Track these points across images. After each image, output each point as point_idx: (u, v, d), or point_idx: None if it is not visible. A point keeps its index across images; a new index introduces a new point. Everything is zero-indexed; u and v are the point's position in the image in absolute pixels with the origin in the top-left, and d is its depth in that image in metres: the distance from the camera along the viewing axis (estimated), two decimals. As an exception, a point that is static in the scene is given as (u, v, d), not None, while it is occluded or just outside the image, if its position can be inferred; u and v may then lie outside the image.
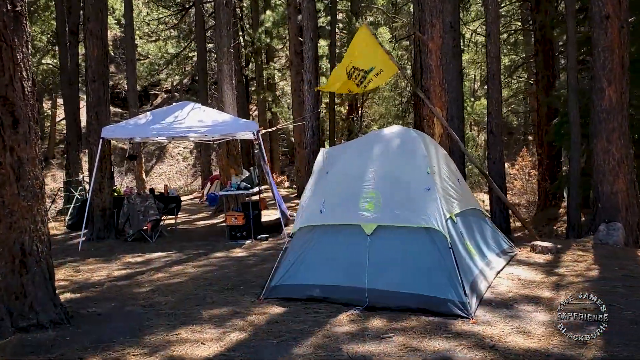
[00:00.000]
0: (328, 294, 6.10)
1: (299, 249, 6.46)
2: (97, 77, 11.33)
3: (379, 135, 7.05)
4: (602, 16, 9.43)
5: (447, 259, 5.78)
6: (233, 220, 10.98)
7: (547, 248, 8.11)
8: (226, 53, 13.99)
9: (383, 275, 5.98)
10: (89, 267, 9.03)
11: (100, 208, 11.46)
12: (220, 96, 14.28)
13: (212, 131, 11.20)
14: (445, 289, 5.65)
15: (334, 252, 6.29)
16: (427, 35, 9.65)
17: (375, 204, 6.22)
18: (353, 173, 6.61)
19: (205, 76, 26.18)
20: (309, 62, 13.85)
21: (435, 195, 6.17)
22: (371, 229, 6.11)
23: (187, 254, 9.84)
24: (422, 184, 6.25)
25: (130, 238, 11.32)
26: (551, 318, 5.39)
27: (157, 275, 8.24)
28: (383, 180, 6.37)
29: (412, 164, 6.48)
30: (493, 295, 6.23)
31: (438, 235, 5.92)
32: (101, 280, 8.03)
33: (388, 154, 6.64)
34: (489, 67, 11.90)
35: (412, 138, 6.88)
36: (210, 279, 7.74)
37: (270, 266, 8.31)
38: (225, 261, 9.04)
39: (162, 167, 35.73)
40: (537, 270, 7.28)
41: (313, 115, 13.90)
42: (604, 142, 9.68)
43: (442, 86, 9.71)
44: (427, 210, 6.06)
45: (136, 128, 11.21)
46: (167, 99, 40.82)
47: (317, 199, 6.61)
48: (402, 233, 6.08)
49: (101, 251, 10.47)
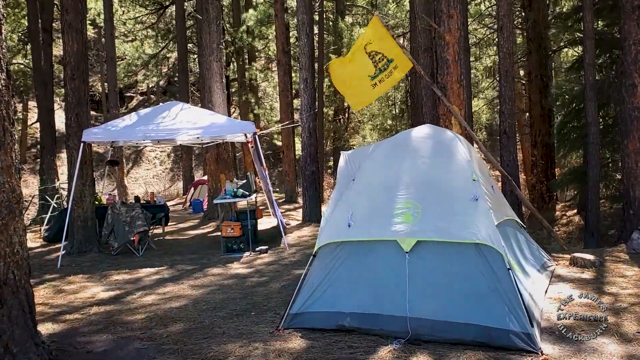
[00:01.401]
0: (361, 324, 5.19)
1: (324, 269, 5.52)
2: (77, 75, 10.25)
3: (409, 137, 6.12)
4: (634, 6, 8.69)
5: (505, 281, 4.91)
6: (229, 231, 10.00)
7: (589, 261, 7.31)
8: (216, 49, 13.03)
9: (427, 301, 5.09)
10: (71, 287, 7.99)
11: (81, 218, 10.36)
12: (209, 96, 13.29)
13: (206, 133, 10.22)
14: (506, 318, 4.77)
15: (366, 273, 5.38)
16: (443, 27, 8.81)
17: (413, 215, 5.33)
18: (384, 180, 5.70)
19: (187, 77, 25.12)
20: (305, 59, 12.93)
21: (485, 205, 5.31)
22: (410, 245, 5.22)
23: (180, 270, 8.84)
24: (467, 192, 5.38)
25: (115, 252, 10.26)
26: (627, 350, 4.56)
27: (150, 297, 7.23)
28: (421, 189, 5.48)
29: (453, 169, 5.61)
30: (550, 322, 5.38)
31: (492, 254, 5.05)
32: (86, 303, 7.01)
33: (424, 157, 5.74)
34: (501, 63, 11.16)
35: (450, 139, 6.01)
36: (213, 302, 6.77)
37: (278, 285, 7.45)
38: (226, 279, 8.06)
39: (138, 171, 34.53)
40: (586, 289, 6.45)
41: (310, 116, 12.97)
42: (636, 143, 8.93)
43: (459, 82, 8.88)
44: (477, 224, 5.19)
45: (121, 130, 10.17)
46: (142, 101, 39.68)
47: (343, 211, 5.67)
48: (448, 250, 5.19)
49: (83, 267, 9.41)
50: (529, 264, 6.44)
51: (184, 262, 9.46)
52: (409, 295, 5.10)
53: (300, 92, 13.28)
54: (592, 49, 10.78)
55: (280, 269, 8.52)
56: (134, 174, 33.90)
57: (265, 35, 29.79)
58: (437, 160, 5.70)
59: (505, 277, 4.92)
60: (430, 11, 13.76)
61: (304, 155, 13.29)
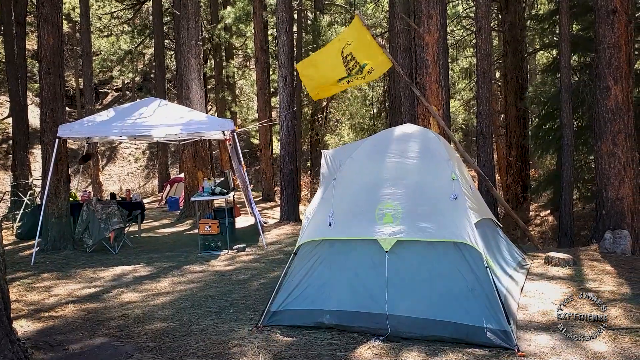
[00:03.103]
0: (341, 321, 5.21)
1: (305, 267, 5.52)
2: (52, 69, 10.09)
3: (391, 136, 6.15)
4: (609, 11, 8.84)
5: (483, 280, 4.97)
6: (206, 229, 9.94)
7: (563, 260, 7.42)
8: (194, 46, 12.94)
9: (406, 298, 5.13)
10: (45, 284, 7.87)
11: (55, 215, 10.20)
12: (187, 93, 13.19)
13: (185, 129, 10.15)
14: (483, 316, 4.83)
15: (346, 271, 5.39)
16: (423, 27, 8.86)
17: (394, 215, 5.36)
18: (366, 179, 5.73)
19: (163, 73, 24.91)
20: (284, 57, 12.90)
21: (465, 204, 5.36)
22: (390, 245, 5.25)
23: (158, 268, 8.77)
24: (447, 191, 5.43)
25: (90, 249, 10.13)
26: (607, 346, 4.65)
27: (127, 294, 7.16)
28: (402, 188, 5.51)
29: (434, 168, 5.65)
30: (527, 317, 5.47)
31: (471, 252, 5.10)
32: (62, 301, 6.91)
33: (405, 157, 5.77)
34: (479, 64, 11.28)
35: (430, 139, 6.05)
36: (192, 300, 6.73)
37: (257, 284, 7.43)
38: (204, 277, 8.01)
39: (113, 168, 34.14)
40: (562, 286, 6.56)
41: (289, 114, 12.94)
42: (609, 145, 9.09)
43: (438, 83, 8.94)
44: (457, 223, 5.24)
45: (97, 126, 10.04)
46: (117, 97, 39.24)
47: (324, 210, 5.68)
48: (427, 249, 5.24)
49: (58, 264, 9.27)
50: (505, 263, 6.52)
51: (161, 260, 9.38)
52: (388, 293, 5.14)
53: (279, 90, 13.26)
54: (568, 52, 10.95)
55: (258, 268, 8.50)
56: (108, 171, 33.51)
57: (243, 32, 29.67)
58: (417, 159, 5.74)
59: (483, 276, 4.98)
60: (410, 11, 13.85)
61: (282, 154, 13.27)
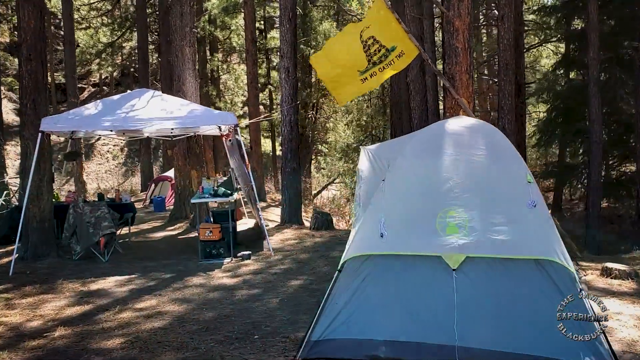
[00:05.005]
0: (399, 354, 4.30)
1: (350, 288, 4.57)
2: (34, 55, 8.97)
3: (445, 129, 5.16)
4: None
5: (576, 304, 4.08)
6: (207, 234, 8.93)
7: (624, 272, 6.60)
8: (188, 33, 11.93)
9: (480, 327, 4.24)
10: (28, 301, 6.82)
11: (37, 219, 9.08)
12: (179, 85, 12.15)
13: (183, 123, 9.12)
14: (579, 351, 3.96)
15: (403, 293, 4.47)
16: (453, 11, 7.96)
17: (459, 225, 4.45)
18: (422, 181, 4.79)
19: (147, 67, 23.75)
20: (287, 46, 11.91)
21: (546, 213, 4.48)
22: (457, 262, 4.35)
23: (156, 279, 7.76)
24: (523, 197, 4.54)
25: (77, 256, 9.05)
26: None
27: (126, 313, 6.15)
28: (467, 191, 4.59)
29: (505, 168, 4.74)
30: (620, 347, 4.59)
31: (558, 271, 4.22)
32: (49, 323, 5.89)
33: (469, 153, 4.83)
34: (501, 55, 10.43)
35: (495, 132, 5.15)
36: (204, 321, 5.75)
37: (276, 300, 6.47)
38: (211, 291, 7.02)
39: (90, 166, 32.84)
40: (637, 305, 5.71)
41: (291, 108, 11.98)
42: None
43: (469, 73, 8.06)
44: (539, 235, 4.36)
45: (85, 119, 8.97)
46: (95, 93, 37.92)
47: (373, 217, 4.74)
48: (503, 268, 4.34)
49: (41, 275, 8.18)
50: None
51: (158, 269, 8.36)
52: (457, 320, 4.24)
53: (281, 82, 12.28)
54: (597, 43, 10.23)
55: (271, 279, 7.53)
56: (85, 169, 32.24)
57: (228, 25, 28.62)
58: (483, 157, 4.80)
59: (576, 299, 4.09)
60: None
61: (284, 151, 12.30)
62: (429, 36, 13.22)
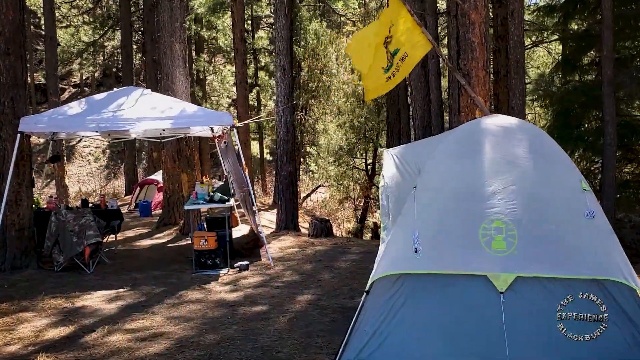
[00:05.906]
0: (440, 388, 3.70)
1: (382, 311, 3.96)
2: (12, 49, 8.25)
3: (481, 129, 4.52)
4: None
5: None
6: (202, 243, 8.26)
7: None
8: (179, 29, 11.23)
9: (534, 357, 3.64)
10: (5, 320, 6.11)
11: (16, 227, 8.34)
12: (168, 84, 11.45)
13: (176, 123, 8.44)
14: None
15: (442, 317, 3.88)
16: (468, 3, 7.41)
17: (507, 239, 3.87)
18: (459, 187, 4.17)
19: (131, 65, 22.93)
20: (283, 43, 11.26)
21: (607, 226, 3.91)
22: (506, 283, 3.77)
23: (147, 294, 7.08)
24: (578, 206, 3.96)
25: (59, 268, 8.33)
26: None
27: (116, 335, 5.48)
28: (513, 200, 4.00)
29: (555, 174, 4.16)
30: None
31: (623, 292, 3.65)
32: (29, 349, 5.21)
33: (511, 157, 4.23)
34: (512, 52, 9.92)
35: (541, 134, 4.55)
36: (206, 345, 5.10)
37: (284, 319, 5.83)
38: (210, 308, 6.36)
39: (71, 168, 31.95)
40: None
41: (287, 109, 11.34)
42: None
43: (485, 70, 7.51)
44: (599, 251, 3.78)
45: (69, 119, 8.26)
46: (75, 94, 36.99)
47: (405, 230, 4.13)
48: (559, 289, 3.75)
49: (20, 289, 7.45)
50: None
51: (149, 283, 7.68)
52: (508, 349, 3.65)
53: (276, 80, 11.63)
54: (611, 40, 9.73)
55: (275, 294, 6.89)
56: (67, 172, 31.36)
57: (214, 24, 27.97)
58: (528, 160, 4.20)
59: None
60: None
61: (279, 153, 11.65)
62: (432, 33, 12.68)
